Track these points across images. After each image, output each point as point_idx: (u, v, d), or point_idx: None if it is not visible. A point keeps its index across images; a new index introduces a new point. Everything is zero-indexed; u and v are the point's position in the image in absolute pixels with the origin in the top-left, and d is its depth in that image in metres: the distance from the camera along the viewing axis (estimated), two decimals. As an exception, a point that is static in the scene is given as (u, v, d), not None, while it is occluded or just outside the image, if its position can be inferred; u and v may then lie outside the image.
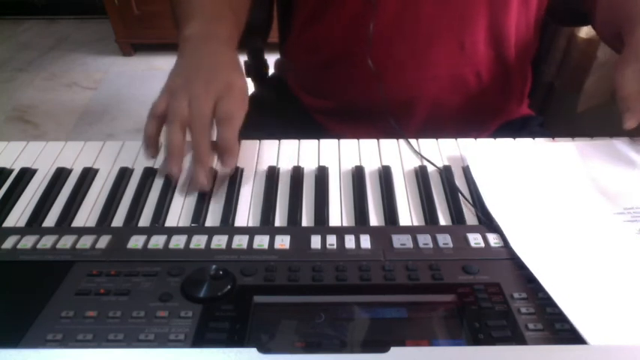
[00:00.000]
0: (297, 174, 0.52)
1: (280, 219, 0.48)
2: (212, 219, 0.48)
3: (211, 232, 0.44)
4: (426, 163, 0.54)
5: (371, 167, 0.53)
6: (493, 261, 0.41)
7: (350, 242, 0.43)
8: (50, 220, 0.48)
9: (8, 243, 0.43)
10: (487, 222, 0.46)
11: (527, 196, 0.48)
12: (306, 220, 0.47)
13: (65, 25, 2.65)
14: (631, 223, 0.45)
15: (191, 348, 0.34)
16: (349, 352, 0.35)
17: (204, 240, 0.43)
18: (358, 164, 0.53)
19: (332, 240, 0.43)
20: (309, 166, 0.54)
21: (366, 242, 0.43)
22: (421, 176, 0.51)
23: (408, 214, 0.48)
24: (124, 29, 2.26)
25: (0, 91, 2.13)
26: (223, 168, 0.51)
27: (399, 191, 0.50)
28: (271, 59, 0.90)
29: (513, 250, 0.42)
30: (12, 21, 2.67)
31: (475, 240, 0.43)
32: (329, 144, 0.57)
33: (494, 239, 0.43)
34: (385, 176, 0.51)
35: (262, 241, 0.43)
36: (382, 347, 0.32)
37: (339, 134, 0.66)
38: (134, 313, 0.36)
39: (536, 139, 0.56)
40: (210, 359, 0.31)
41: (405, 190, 0.51)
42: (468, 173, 0.52)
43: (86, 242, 0.43)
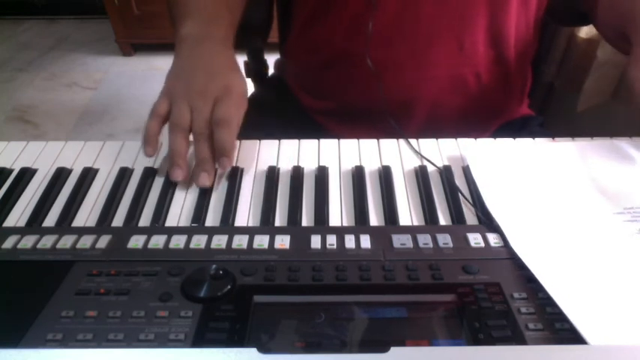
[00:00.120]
0: (297, 174, 0.52)
1: (280, 219, 0.48)
2: (212, 219, 0.48)
3: (211, 232, 0.44)
4: (426, 163, 0.54)
5: (371, 167, 0.53)
6: (493, 261, 0.41)
7: (350, 242, 0.43)
8: (50, 220, 0.48)
9: (8, 243, 0.43)
10: (487, 222, 0.46)
11: (527, 196, 0.48)
12: (306, 220, 0.47)
13: (65, 25, 2.65)
14: (631, 223, 0.45)
15: (191, 348, 0.34)
16: (349, 352, 0.35)
17: (204, 240, 0.43)
18: (358, 164, 0.53)
19: (332, 240, 0.43)
20: (309, 166, 0.54)
21: (366, 242, 0.43)
22: (421, 176, 0.51)
23: (408, 214, 0.48)
24: (124, 29, 2.26)
25: (0, 91, 2.13)
26: (219, 168, 0.52)
27: (399, 191, 0.50)
28: (271, 59, 0.91)
29: (513, 250, 0.42)
30: (12, 21, 2.67)
31: (475, 240, 0.43)
32: (329, 144, 0.57)
33: (494, 239, 0.43)
34: (385, 176, 0.51)
35: (262, 241, 0.43)
36: (382, 347, 0.32)
37: (339, 135, 0.66)
38: (134, 313, 0.36)
39: (536, 139, 0.56)
40: (210, 359, 0.31)
41: (405, 190, 0.51)
42: (468, 173, 0.52)
43: (86, 242, 0.43)
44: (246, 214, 0.48)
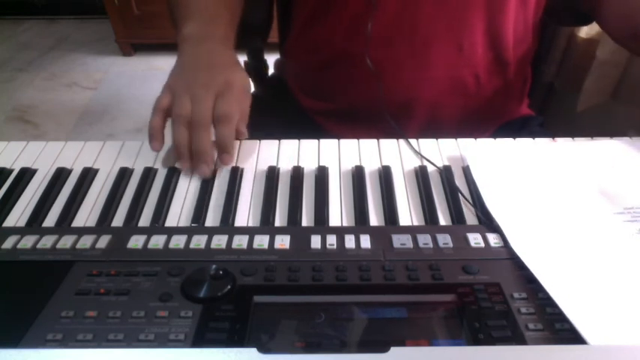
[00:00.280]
0: (297, 174, 0.52)
1: (280, 219, 0.48)
2: (212, 219, 0.48)
3: (211, 232, 0.44)
4: (426, 163, 0.54)
5: (371, 167, 0.53)
6: (493, 261, 0.41)
7: (350, 242, 0.43)
8: (50, 220, 0.48)
9: (8, 243, 0.43)
10: (487, 222, 0.46)
11: (527, 196, 0.48)
12: (306, 220, 0.47)
13: (65, 25, 2.65)
14: (631, 223, 0.45)
15: (191, 348, 0.34)
16: (349, 352, 0.35)
17: (204, 240, 0.43)
18: (358, 164, 0.53)
19: (332, 240, 0.43)
20: (309, 166, 0.54)
21: (366, 242, 0.43)
22: (421, 176, 0.51)
23: (408, 214, 0.48)
24: (124, 29, 2.26)
25: (0, 91, 2.13)
26: (221, 164, 0.53)
27: (399, 191, 0.50)
28: (271, 59, 0.91)
29: (513, 250, 0.42)
30: (12, 21, 2.67)
31: (475, 240, 0.43)
32: (329, 144, 0.57)
33: (494, 239, 0.43)
34: (385, 176, 0.51)
35: (262, 241, 0.43)
36: (382, 347, 0.32)
37: (339, 135, 0.66)
38: (134, 313, 0.36)
39: (536, 139, 0.56)
40: (210, 359, 0.31)
41: (405, 190, 0.51)
42: (468, 173, 0.52)
43: (86, 242, 0.43)
44: (246, 214, 0.48)
